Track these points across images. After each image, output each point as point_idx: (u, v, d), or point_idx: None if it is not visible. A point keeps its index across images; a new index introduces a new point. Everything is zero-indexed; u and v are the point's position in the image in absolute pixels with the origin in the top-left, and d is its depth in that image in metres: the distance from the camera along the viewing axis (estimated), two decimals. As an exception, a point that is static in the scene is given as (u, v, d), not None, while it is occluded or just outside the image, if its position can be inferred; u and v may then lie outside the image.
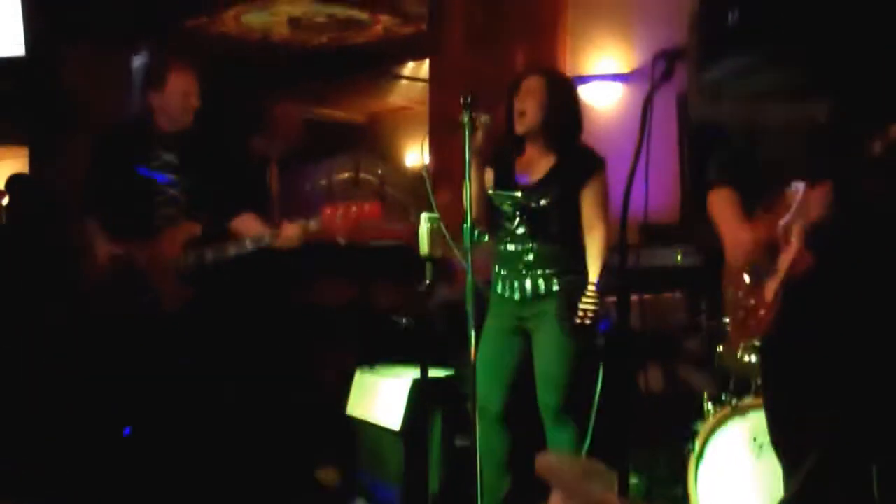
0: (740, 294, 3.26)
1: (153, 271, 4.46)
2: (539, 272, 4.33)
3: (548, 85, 4.36)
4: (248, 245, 4.41)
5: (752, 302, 3.18)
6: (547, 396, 4.35)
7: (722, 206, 3.36)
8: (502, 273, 4.42)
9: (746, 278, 3.17)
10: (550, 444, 4.37)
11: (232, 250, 4.42)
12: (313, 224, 4.35)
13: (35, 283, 5.85)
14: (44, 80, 6.70)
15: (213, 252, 4.43)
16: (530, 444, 4.36)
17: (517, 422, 4.47)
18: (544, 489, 3.77)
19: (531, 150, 4.41)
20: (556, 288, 4.31)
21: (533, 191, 4.33)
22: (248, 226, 4.53)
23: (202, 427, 4.57)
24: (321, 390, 5.61)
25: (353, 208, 4.31)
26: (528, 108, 4.32)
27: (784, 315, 3.11)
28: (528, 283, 4.34)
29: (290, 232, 4.36)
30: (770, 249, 3.10)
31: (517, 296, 4.36)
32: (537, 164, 4.39)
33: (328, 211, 4.32)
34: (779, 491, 3.33)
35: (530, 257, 4.33)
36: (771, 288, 3.10)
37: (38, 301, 5.79)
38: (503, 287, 4.41)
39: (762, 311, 3.17)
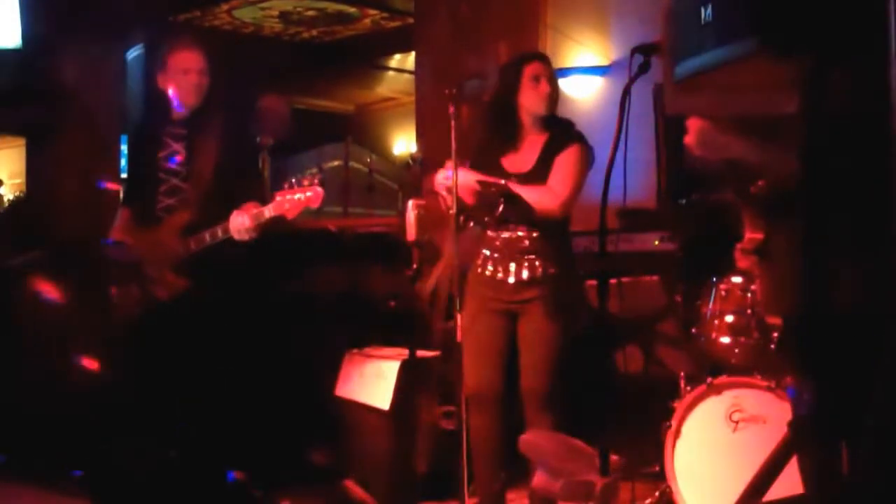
0: None
1: (150, 260, 4.52)
2: (534, 257, 4.32)
3: (550, 69, 4.44)
4: (220, 234, 4.39)
5: None
6: (533, 381, 4.33)
7: None
8: (495, 256, 4.38)
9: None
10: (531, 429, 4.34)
11: (208, 238, 4.42)
12: (268, 211, 4.34)
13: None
14: (40, 71, 6.75)
15: (196, 242, 4.44)
16: (514, 425, 4.43)
17: (504, 403, 4.46)
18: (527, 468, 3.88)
19: (527, 137, 4.43)
20: (551, 271, 4.32)
21: (528, 178, 4.33)
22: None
23: (195, 408, 4.61)
24: (311, 372, 5.68)
25: (299, 195, 4.32)
26: (549, 90, 4.37)
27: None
28: (524, 267, 4.33)
29: (239, 224, 4.35)
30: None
31: (511, 279, 4.34)
32: (530, 150, 4.41)
33: (279, 197, 4.33)
34: (753, 466, 3.46)
35: (526, 243, 4.32)
36: None
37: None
38: (494, 270, 4.38)
39: None
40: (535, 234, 4.33)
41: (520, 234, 4.35)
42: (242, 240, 4.37)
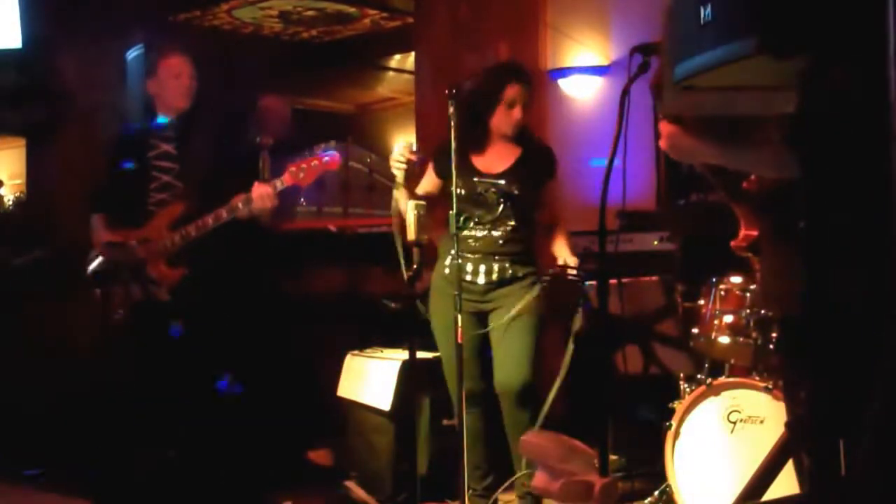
0: None
1: (145, 256, 4.55)
2: (507, 257, 4.40)
3: (528, 91, 4.50)
4: (225, 214, 4.48)
5: None
6: (510, 377, 4.37)
7: None
8: (467, 256, 4.41)
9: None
10: (509, 426, 4.40)
11: (211, 221, 4.49)
12: (279, 183, 4.47)
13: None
14: (40, 71, 6.75)
15: (196, 228, 4.50)
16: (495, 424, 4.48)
17: (481, 402, 4.51)
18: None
19: (496, 144, 4.52)
20: (521, 273, 4.41)
21: (506, 179, 4.43)
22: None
23: (196, 409, 4.67)
24: (312, 373, 5.68)
25: (314, 162, 4.47)
26: (520, 116, 4.45)
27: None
28: (496, 267, 4.40)
29: (262, 191, 4.46)
30: None
31: (482, 279, 4.42)
32: (502, 156, 4.50)
33: (293, 168, 4.46)
34: (751, 466, 3.48)
35: (501, 242, 4.41)
36: None
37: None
38: (462, 271, 4.36)
39: None
40: (510, 234, 4.40)
41: (494, 233, 4.41)
42: (265, 207, 4.47)
